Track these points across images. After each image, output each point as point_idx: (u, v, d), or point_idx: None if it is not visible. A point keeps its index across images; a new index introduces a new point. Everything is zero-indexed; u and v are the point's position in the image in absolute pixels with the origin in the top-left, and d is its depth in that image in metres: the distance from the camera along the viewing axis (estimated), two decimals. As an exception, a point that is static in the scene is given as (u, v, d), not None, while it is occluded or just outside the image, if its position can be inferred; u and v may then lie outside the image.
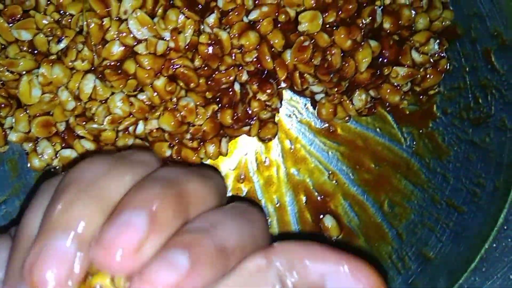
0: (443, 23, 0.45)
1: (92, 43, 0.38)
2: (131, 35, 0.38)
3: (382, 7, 0.42)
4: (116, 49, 0.38)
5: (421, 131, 0.48)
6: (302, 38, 0.39)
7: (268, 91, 0.40)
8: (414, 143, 0.48)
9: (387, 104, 0.46)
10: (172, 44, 0.38)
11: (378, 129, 0.48)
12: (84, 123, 0.41)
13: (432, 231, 0.48)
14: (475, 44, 0.47)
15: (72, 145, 0.41)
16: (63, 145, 0.42)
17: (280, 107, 0.45)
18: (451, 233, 0.47)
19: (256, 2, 0.40)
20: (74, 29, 0.41)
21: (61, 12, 0.42)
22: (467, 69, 0.47)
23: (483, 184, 0.47)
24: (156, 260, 0.23)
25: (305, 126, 0.48)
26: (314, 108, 0.46)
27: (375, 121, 0.48)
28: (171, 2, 0.39)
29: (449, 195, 0.48)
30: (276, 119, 0.47)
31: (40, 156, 0.42)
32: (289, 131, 0.48)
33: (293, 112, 0.48)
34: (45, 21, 0.41)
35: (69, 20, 0.41)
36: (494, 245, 0.47)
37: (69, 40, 0.40)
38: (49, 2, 0.42)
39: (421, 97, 0.47)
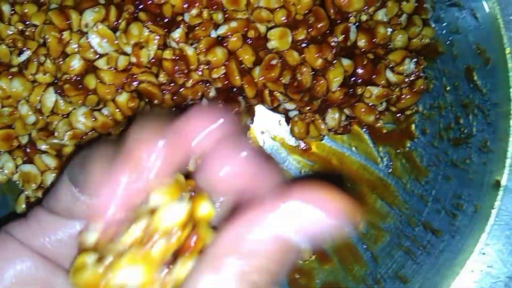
0: (422, 41, 0.43)
1: (51, 57, 0.37)
2: (92, 49, 0.37)
3: (357, 23, 0.40)
4: (76, 63, 0.37)
5: (398, 150, 0.46)
6: (270, 56, 0.37)
7: (235, 109, 0.39)
8: (391, 163, 0.47)
9: (363, 122, 0.45)
10: (133, 59, 0.37)
11: (354, 148, 0.47)
12: (46, 137, 0.40)
13: (409, 253, 0.47)
14: (457, 62, 0.46)
15: (33, 160, 0.40)
16: (25, 159, 0.41)
17: (251, 123, 0.44)
18: (428, 256, 0.46)
19: (226, 16, 0.39)
20: (38, 40, 0.39)
21: (26, 22, 0.41)
22: (448, 87, 0.46)
23: (462, 206, 0.46)
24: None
25: (278, 143, 0.46)
26: (288, 125, 0.45)
27: (351, 140, 0.46)
28: (135, 15, 0.37)
29: (426, 217, 0.47)
30: (251, 135, 0.46)
31: (0, 170, 0.41)
32: (262, 149, 0.46)
33: (266, 129, 0.46)
34: (9, 31, 0.40)
35: (33, 30, 0.40)
36: (472, 270, 0.46)
37: (31, 52, 0.39)
38: (13, 12, 0.41)
39: (398, 115, 0.45)
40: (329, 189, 0.23)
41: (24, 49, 0.39)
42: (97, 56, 0.37)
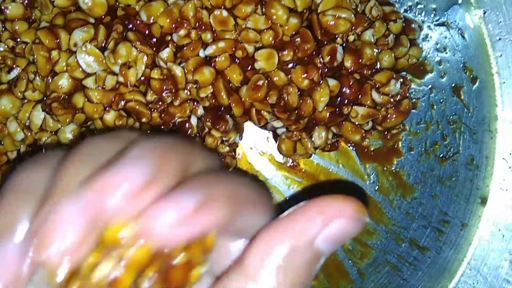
0: (409, 61, 0.44)
1: (40, 75, 0.37)
2: (80, 69, 0.37)
3: (344, 44, 0.41)
4: (65, 82, 0.37)
5: (385, 168, 0.47)
6: (256, 76, 0.38)
7: (222, 128, 0.39)
8: (378, 180, 0.47)
9: (350, 141, 0.45)
10: (121, 79, 0.37)
11: (341, 165, 0.47)
12: (35, 153, 0.40)
13: (395, 270, 0.47)
14: (445, 80, 0.46)
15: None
16: (13, 175, 0.41)
17: (240, 140, 0.44)
18: (414, 272, 0.47)
19: (214, 36, 0.39)
20: (28, 57, 0.40)
21: (16, 39, 0.41)
22: (435, 106, 0.46)
23: (448, 223, 0.47)
24: (158, 201, 0.20)
25: (266, 159, 0.47)
26: (276, 142, 0.45)
27: (338, 157, 0.47)
28: (124, 35, 0.38)
29: (412, 234, 0.47)
30: (240, 151, 0.46)
31: (-11, 186, 0.41)
32: (251, 164, 0.47)
33: (255, 145, 0.47)
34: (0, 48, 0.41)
35: (24, 47, 0.40)
36: (457, 287, 0.46)
37: (21, 69, 0.39)
38: (3, 29, 0.41)
39: (385, 133, 0.46)
40: (342, 197, 0.23)
41: (14, 66, 0.39)
42: (86, 75, 0.38)
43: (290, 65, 0.39)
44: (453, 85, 0.46)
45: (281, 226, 0.22)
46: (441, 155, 0.47)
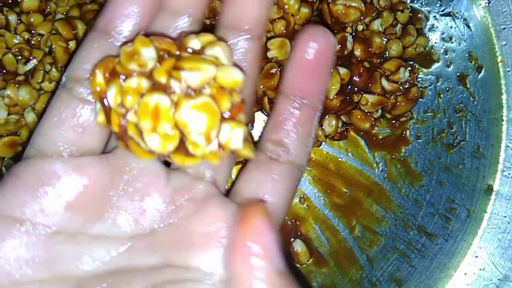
0: (416, 50, 0.45)
1: (57, 65, 0.38)
2: (97, 59, 0.38)
3: (354, 33, 0.42)
4: (82, 72, 0.38)
5: (393, 156, 0.47)
6: (269, 65, 0.39)
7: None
8: (386, 168, 0.48)
9: (360, 129, 0.46)
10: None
11: (350, 154, 0.48)
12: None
13: (404, 256, 0.47)
14: (451, 70, 0.47)
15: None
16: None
17: (252, 129, 0.45)
18: (422, 259, 0.47)
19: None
20: (43, 49, 0.40)
21: (32, 31, 0.41)
22: (442, 94, 0.47)
23: (455, 210, 0.47)
24: None
25: (277, 149, 0.47)
26: (286, 131, 0.46)
27: (348, 146, 0.47)
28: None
29: (420, 221, 0.48)
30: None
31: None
32: (261, 154, 0.47)
33: (265, 134, 0.47)
34: (15, 40, 0.41)
35: (39, 39, 0.41)
36: (465, 273, 0.47)
37: (37, 60, 0.40)
38: (19, 21, 0.42)
39: (393, 122, 0.47)
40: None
41: (31, 58, 0.40)
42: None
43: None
44: (459, 74, 0.47)
45: None
46: (448, 143, 0.47)
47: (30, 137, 0.28)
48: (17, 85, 0.39)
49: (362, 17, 0.41)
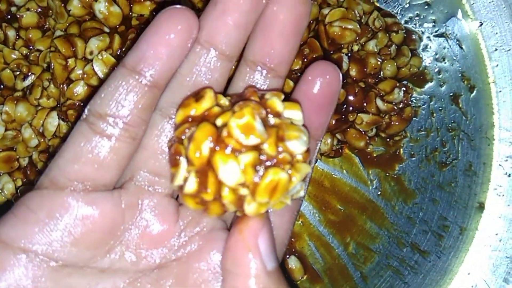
0: (410, 70, 0.45)
1: (56, 82, 0.38)
2: (96, 76, 0.38)
3: (349, 54, 0.42)
4: (80, 89, 0.38)
5: (387, 174, 0.48)
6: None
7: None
8: (380, 185, 0.48)
9: (354, 147, 0.46)
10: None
11: (345, 171, 0.48)
12: (47, 159, 0.41)
13: (397, 273, 0.48)
14: (444, 89, 0.48)
15: (33, 181, 0.41)
16: (24, 180, 0.42)
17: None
18: (415, 276, 0.48)
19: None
20: (42, 65, 0.41)
21: (30, 47, 0.42)
22: (435, 113, 0.48)
23: (448, 227, 0.48)
24: None
25: (273, 166, 0.48)
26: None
27: (343, 163, 0.48)
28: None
29: (414, 238, 0.48)
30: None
31: (0, 192, 0.41)
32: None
33: (261, 151, 0.48)
34: (13, 56, 0.41)
35: (38, 55, 0.41)
36: (458, 289, 0.47)
37: (35, 77, 0.40)
38: (18, 37, 0.42)
39: (388, 140, 0.47)
40: None
41: (29, 74, 0.40)
42: (101, 82, 0.38)
43: (299, 74, 0.40)
44: (452, 93, 0.48)
45: None
46: (441, 162, 0.48)
47: (46, 166, 0.28)
48: (15, 101, 0.39)
49: (357, 38, 0.42)
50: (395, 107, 0.42)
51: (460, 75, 0.48)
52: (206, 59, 0.27)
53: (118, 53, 0.38)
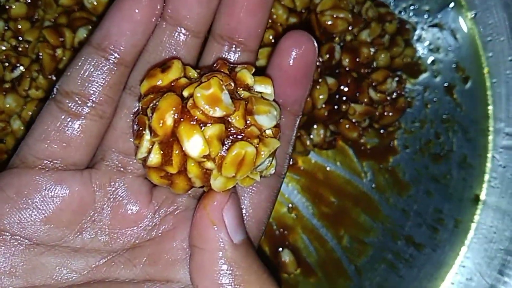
0: (404, 60, 0.45)
1: (44, 73, 0.38)
2: (85, 66, 0.37)
3: (342, 43, 0.42)
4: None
5: (381, 166, 0.48)
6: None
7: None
8: (374, 178, 0.48)
9: (348, 138, 0.46)
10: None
11: (338, 163, 0.48)
12: (37, 151, 0.41)
13: (391, 267, 0.48)
14: (438, 80, 0.48)
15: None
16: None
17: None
18: (410, 269, 0.47)
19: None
20: (31, 56, 0.40)
21: (19, 38, 0.41)
22: (429, 105, 0.47)
23: (443, 220, 0.48)
24: None
25: (265, 158, 0.47)
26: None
27: (336, 155, 0.48)
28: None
29: (408, 231, 0.48)
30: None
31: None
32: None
33: (254, 143, 0.47)
34: (2, 47, 0.41)
35: (27, 46, 0.41)
36: (452, 282, 0.47)
37: (24, 68, 0.39)
38: (7, 28, 0.41)
39: (381, 132, 0.47)
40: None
41: (18, 65, 0.39)
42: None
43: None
44: (446, 84, 0.48)
45: None
46: (435, 154, 0.48)
47: (17, 145, 0.28)
48: (4, 93, 0.39)
49: (350, 27, 0.41)
50: (388, 97, 0.42)
51: (454, 65, 0.48)
52: (172, 35, 0.27)
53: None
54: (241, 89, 0.25)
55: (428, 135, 0.48)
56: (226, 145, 0.23)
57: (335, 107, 0.42)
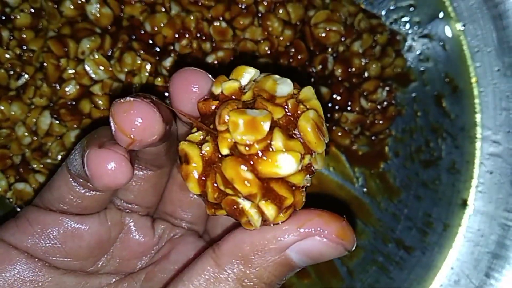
0: (394, 70, 0.46)
1: (48, 81, 0.39)
2: (87, 76, 0.39)
3: (334, 54, 0.43)
4: (72, 89, 0.39)
5: (373, 171, 0.49)
6: (253, 84, 0.40)
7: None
8: (366, 183, 0.49)
9: (340, 145, 0.47)
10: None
11: (331, 168, 0.49)
12: (40, 157, 0.42)
13: (382, 269, 0.49)
14: (427, 89, 0.49)
15: (26, 178, 0.42)
16: (17, 177, 0.42)
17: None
18: (400, 271, 0.48)
19: (214, 46, 0.42)
20: (35, 64, 0.41)
21: (23, 47, 0.42)
22: (419, 113, 0.49)
23: (432, 224, 0.49)
24: None
25: (261, 164, 0.48)
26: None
27: (329, 161, 0.49)
28: (129, 44, 0.40)
29: (399, 234, 0.49)
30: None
31: (-7, 188, 0.42)
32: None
33: (249, 150, 0.48)
34: (7, 56, 0.42)
35: (31, 55, 0.42)
36: (441, 284, 0.48)
37: (29, 76, 0.41)
38: (12, 37, 0.43)
39: (373, 139, 0.48)
40: (329, 215, 0.25)
41: (22, 73, 0.41)
42: (92, 82, 0.39)
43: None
44: (436, 93, 0.49)
45: (259, 229, 0.24)
46: (425, 160, 0.49)
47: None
48: (9, 101, 0.40)
49: (343, 39, 0.43)
50: (378, 106, 0.43)
51: (443, 75, 0.49)
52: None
53: (109, 53, 0.39)
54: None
55: (418, 142, 0.49)
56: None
57: (328, 115, 0.43)
